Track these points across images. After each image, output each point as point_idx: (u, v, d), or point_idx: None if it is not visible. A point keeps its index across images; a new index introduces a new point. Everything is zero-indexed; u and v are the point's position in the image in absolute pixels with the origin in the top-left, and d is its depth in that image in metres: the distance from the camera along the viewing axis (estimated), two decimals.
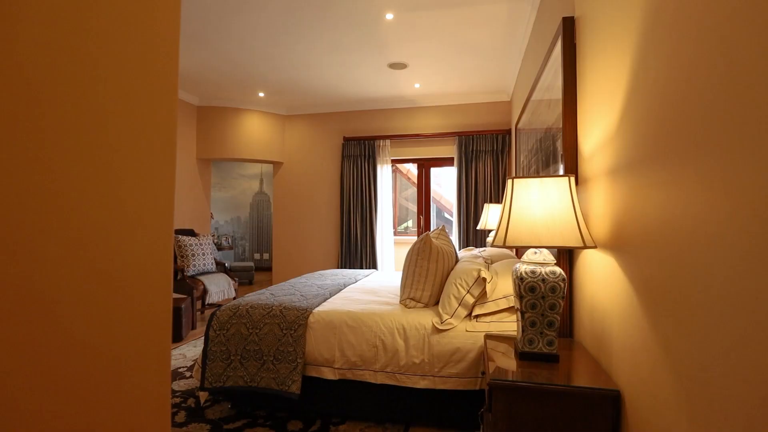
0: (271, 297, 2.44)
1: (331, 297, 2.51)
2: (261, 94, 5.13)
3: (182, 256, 4.29)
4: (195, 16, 3.18)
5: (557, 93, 2.11)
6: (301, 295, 2.48)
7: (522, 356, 1.50)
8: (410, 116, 5.31)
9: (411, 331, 2.02)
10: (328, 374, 2.08)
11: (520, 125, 3.78)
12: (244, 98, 5.30)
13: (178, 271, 4.25)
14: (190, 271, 4.27)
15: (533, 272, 1.45)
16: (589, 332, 1.60)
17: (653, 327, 1.04)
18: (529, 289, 1.45)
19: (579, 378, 1.38)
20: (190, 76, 4.50)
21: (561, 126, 2.01)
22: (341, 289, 2.75)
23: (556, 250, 1.87)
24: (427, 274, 2.26)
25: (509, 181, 1.48)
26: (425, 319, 2.06)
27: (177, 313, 3.63)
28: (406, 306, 2.26)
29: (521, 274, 1.47)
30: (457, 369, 1.92)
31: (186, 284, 4.12)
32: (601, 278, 1.46)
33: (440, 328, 1.98)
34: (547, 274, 1.44)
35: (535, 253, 1.50)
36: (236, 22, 3.27)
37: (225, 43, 3.65)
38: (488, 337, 1.82)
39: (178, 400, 2.45)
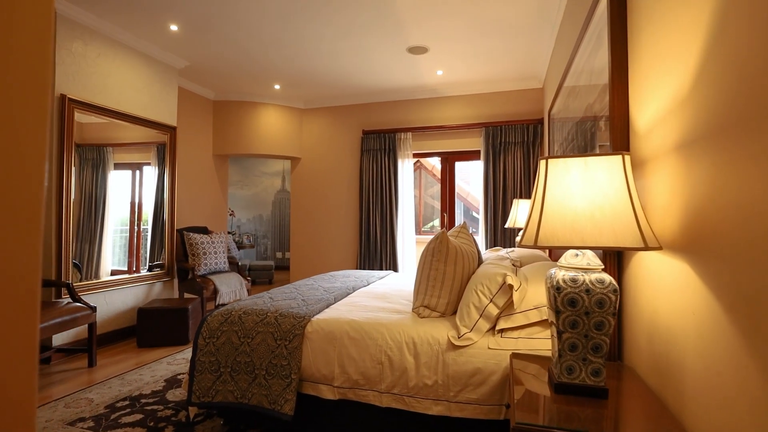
0: (269, 301, 2.19)
1: (335, 302, 2.23)
2: (276, 87, 4.93)
3: (193, 255, 4.13)
4: (196, 0, 2.98)
5: (600, 62, 1.75)
6: (302, 300, 2.22)
7: (558, 388, 1.17)
8: (433, 107, 4.98)
9: (422, 346, 1.71)
10: (327, 393, 1.80)
11: (553, 111, 3.39)
12: (259, 91, 5.12)
13: (189, 270, 4.10)
14: (201, 271, 4.11)
15: (574, 281, 1.12)
16: (647, 357, 1.25)
17: (763, 362, 0.70)
18: (568, 303, 1.12)
19: (637, 425, 1.04)
20: (202, 68, 4.34)
21: (605, 101, 1.65)
22: (349, 293, 2.47)
23: (601, 251, 1.51)
24: (444, 278, 1.94)
25: (542, 163, 1.15)
26: (439, 332, 1.75)
27: (183, 314, 3.45)
28: (418, 315, 1.96)
29: (558, 282, 1.13)
30: (476, 394, 1.60)
31: (196, 284, 3.95)
32: (667, 289, 1.10)
33: (457, 343, 1.65)
34: (592, 284, 1.10)
35: (577, 255, 1.16)
36: (241, 5, 3.05)
37: (232, 30, 3.44)
38: (515, 356, 1.49)
39: (169, 412, 2.23)
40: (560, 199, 1.10)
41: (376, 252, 5.01)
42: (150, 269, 4.00)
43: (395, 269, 4.93)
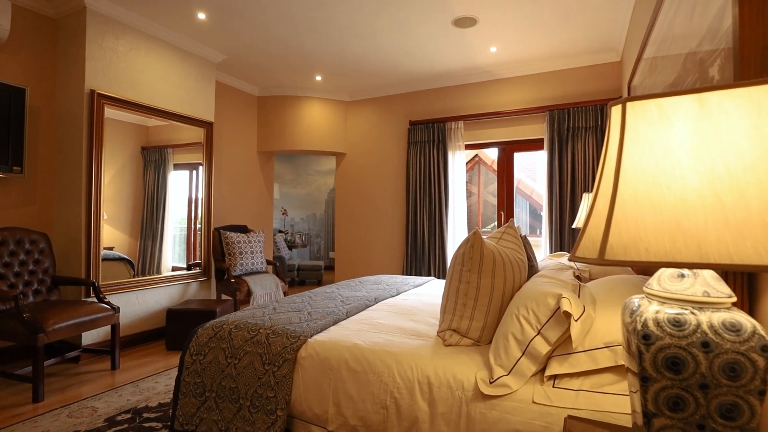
0: (269, 313, 1.85)
1: (346, 318, 1.83)
2: (318, 78, 4.66)
3: (229, 254, 3.98)
4: None
5: None
6: (308, 313, 1.85)
7: None
8: (487, 91, 4.40)
9: (440, 389, 1.25)
10: None
11: (635, 82, 2.71)
12: (302, 84, 4.89)
13: (225, 270, 3.95)
14: (236, 271, 3.94)
15: (678, 324, 0.61)
16: None
17: None
18: (666, 364, 0.61)
19: None
20: (241, 61, 4.18)
21: (721, 32, 1.08)
22: (369, 306, 2.06)
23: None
24: (478, 294, 1.46)
25: (614, 111, 0.65)
26: (464, 370, 1.27)
27: (211, 317, 3.27)
28: (443, 341, 1.49)
29: (647, 325, 0.63)
30: None
31: (230, 285, 3.78)
32: None
33: (487, 391, 1.17)
34: (715, 331, 0.59)
35: (683, 276, 0.65)
36: None
37: (260, 14, 3.19)
38: (573, 419, 0.99)
39: None
40: (650, 173, 0.59)
41: (424, 255, 4.55)
42: (188, 268, 3.92)
43: (444, 275, 4.43)
